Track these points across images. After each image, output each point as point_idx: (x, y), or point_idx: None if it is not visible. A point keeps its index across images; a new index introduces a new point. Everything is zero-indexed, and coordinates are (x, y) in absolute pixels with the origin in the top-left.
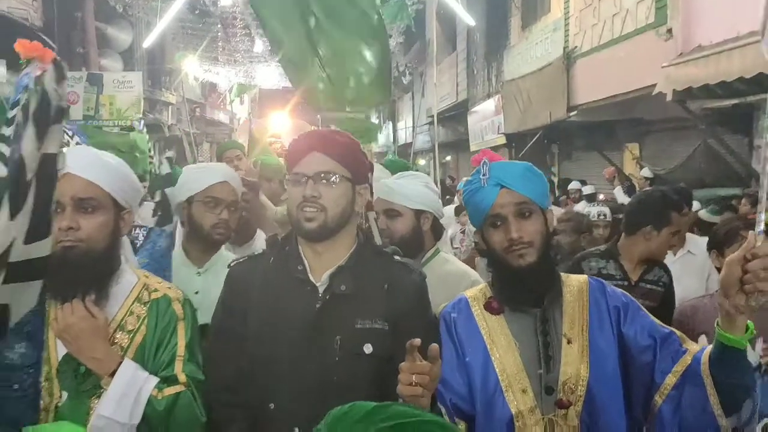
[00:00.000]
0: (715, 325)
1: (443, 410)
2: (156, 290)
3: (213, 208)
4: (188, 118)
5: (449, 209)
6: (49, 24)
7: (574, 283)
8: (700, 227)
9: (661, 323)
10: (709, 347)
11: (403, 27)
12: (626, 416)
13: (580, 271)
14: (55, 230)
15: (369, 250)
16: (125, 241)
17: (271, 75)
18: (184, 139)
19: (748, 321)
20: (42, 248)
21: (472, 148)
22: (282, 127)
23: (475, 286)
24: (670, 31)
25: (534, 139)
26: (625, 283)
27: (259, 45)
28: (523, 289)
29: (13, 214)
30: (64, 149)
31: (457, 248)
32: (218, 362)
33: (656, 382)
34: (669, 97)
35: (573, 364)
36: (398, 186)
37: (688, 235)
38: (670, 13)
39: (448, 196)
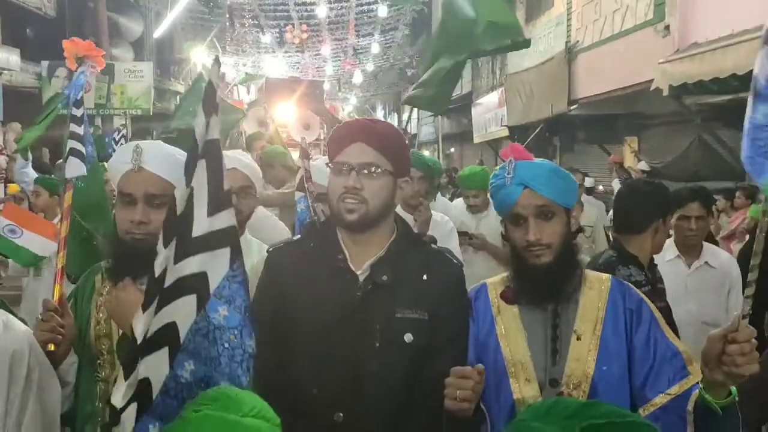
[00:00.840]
0: (699, 382)
1: None
2: None
3: None
4: None
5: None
6: (62, 14)
7: (595, 280)
8: None
9: (675, 338)
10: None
11: (409, 19)
12: None
13: None
14: (127, 222)
15: (408, 239)
16: None
17: (278, 65)
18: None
19: (732, 387)
20: (224, 219)
21: (476, 140)
22: (288, 116)
23: None
24: (667, 27)
25: (536, 132)
26: (650, 287)
27: (268, 36)
28: (537, 286)
29: (187, 184)
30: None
31: None
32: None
33: (647, 398)
34: (665, 93)
35: (580, 361)
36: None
37: (705, 244)
38: (667, 10)
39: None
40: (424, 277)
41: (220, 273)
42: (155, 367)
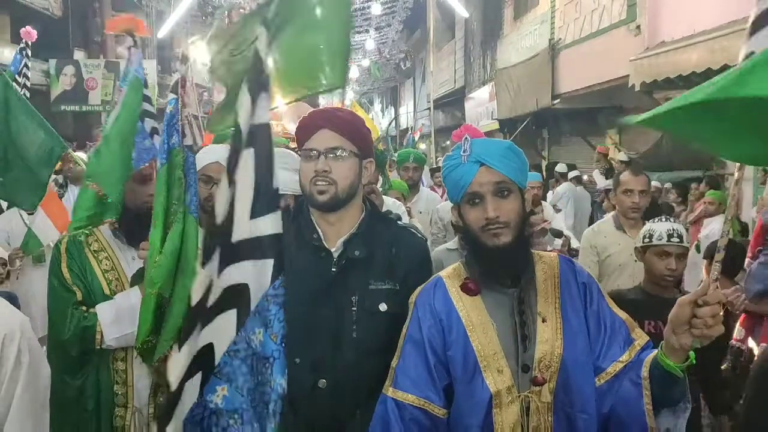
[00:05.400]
0: (659, 349)
1: (431, 398)
2: None
3: (206, 184)
4: (196, 103)
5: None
6: (68, 13)
7: (546, 260)
8: None
9: (615, 306)
10: (654, 353)
11: (402, 16)
12: (596, 390)
13: None
14: (145, 195)
15: (376, 217)
16: None
17: None
18: (192, 122)
19: (691, 352)
20: (269, 225)
21: None
22: (282, 109)
23: None
24: (638, 27)
25: (523, 125)
26: None
27: None
28: (498, 268)
29: (230, 182)
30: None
31: None
32: None
33: (602, 368)
34: (637, 88)
35: (548, 342)
36: None
37: None
38: (638, 10)
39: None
40: (393, 250)
41: (261, 288)
42: (189, 393)
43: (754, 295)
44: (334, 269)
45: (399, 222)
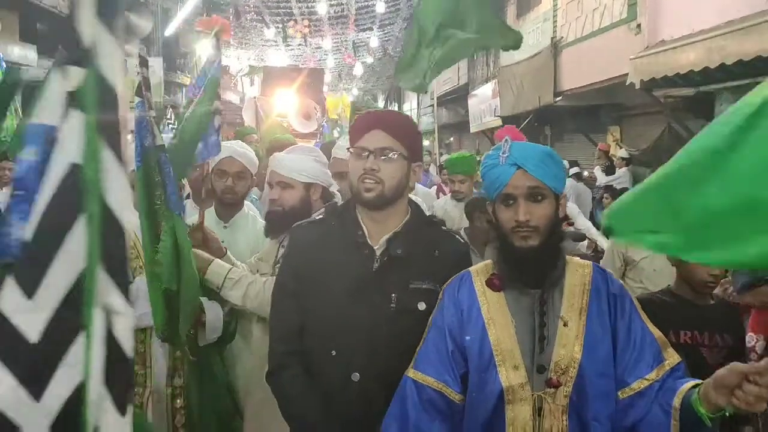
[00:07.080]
0: (696, 391)
1: (448, 382)
2: None
3: (221, 178)
4: None
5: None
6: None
7: (578, 267)
8: None
9: (650, 323)
10: (689, 385)
11: (407, 14)
12: (615, 401)
13: None
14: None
15: (420, 219)
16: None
17: (281, 58)
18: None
19: (727, 407)
20: None
21: (472, 129)
22: (287, 105)
23: None
24: (639, 26)
25: (525, 122)
26: None
27: (271, 31)
28: (522, 269)
29: None
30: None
31: None
32: (279, 314)
33: (627, 382)
34: (637, 86)
35: (567, 346)
36: (289, 161)
37: None
38: (639, 9)
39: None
40: (436, 252)
41: None
42: None
43: (741, 286)
44: (375, 265)
45: (443, 227)
